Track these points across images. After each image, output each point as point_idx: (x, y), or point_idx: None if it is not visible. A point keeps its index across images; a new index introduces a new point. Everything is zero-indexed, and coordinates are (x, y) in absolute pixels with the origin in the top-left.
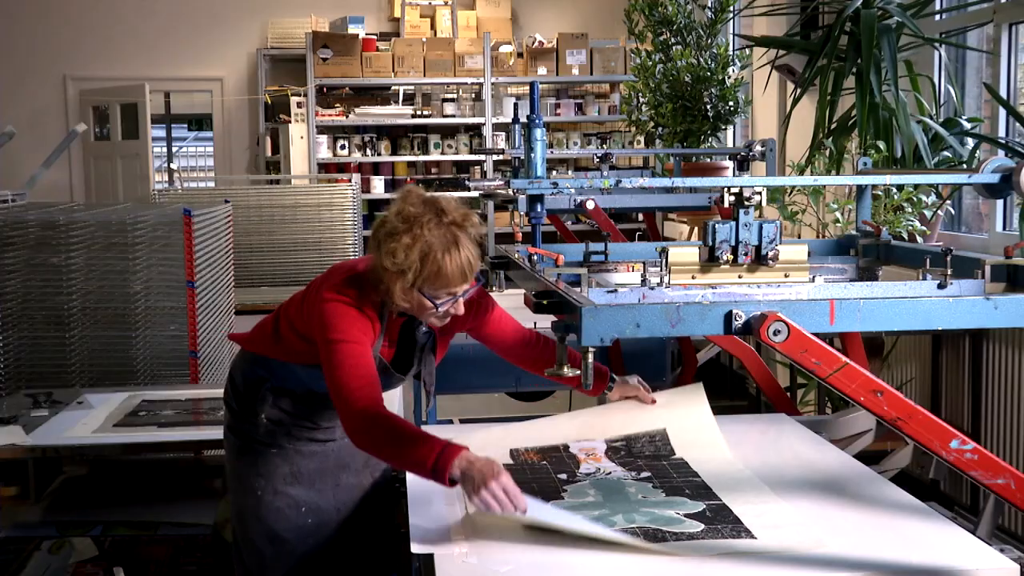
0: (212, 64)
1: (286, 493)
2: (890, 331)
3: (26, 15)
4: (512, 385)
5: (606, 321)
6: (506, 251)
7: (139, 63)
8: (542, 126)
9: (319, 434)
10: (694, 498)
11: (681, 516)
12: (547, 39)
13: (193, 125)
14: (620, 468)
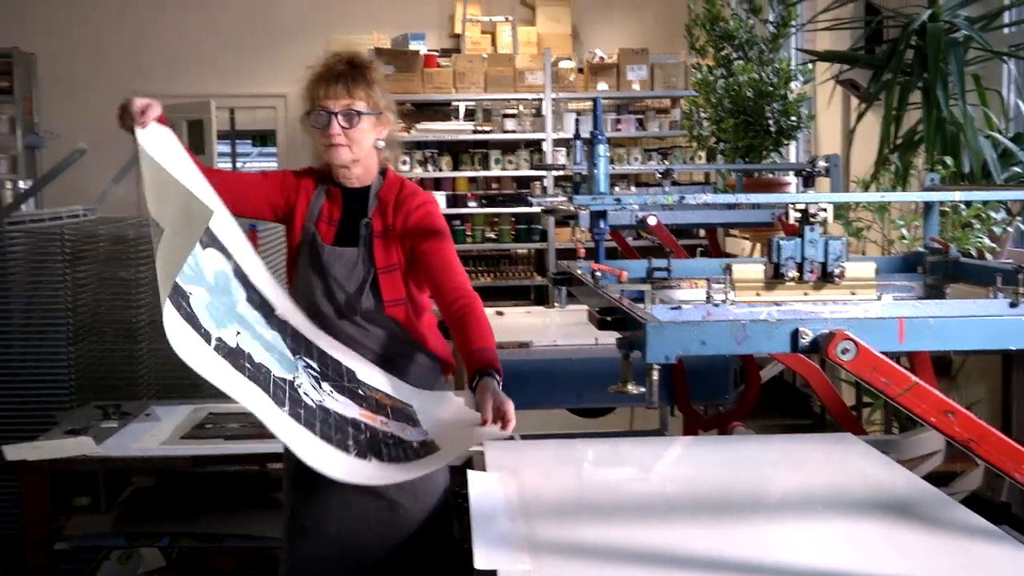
0: (276, 81)
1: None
2: (959, 350)
3: (97, 37)
4: (574, 401)
5: (671, 338)
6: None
7: (205, 81)
8: (605, 142)
9: None
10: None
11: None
12: (608, 55)
13: (257, 141)
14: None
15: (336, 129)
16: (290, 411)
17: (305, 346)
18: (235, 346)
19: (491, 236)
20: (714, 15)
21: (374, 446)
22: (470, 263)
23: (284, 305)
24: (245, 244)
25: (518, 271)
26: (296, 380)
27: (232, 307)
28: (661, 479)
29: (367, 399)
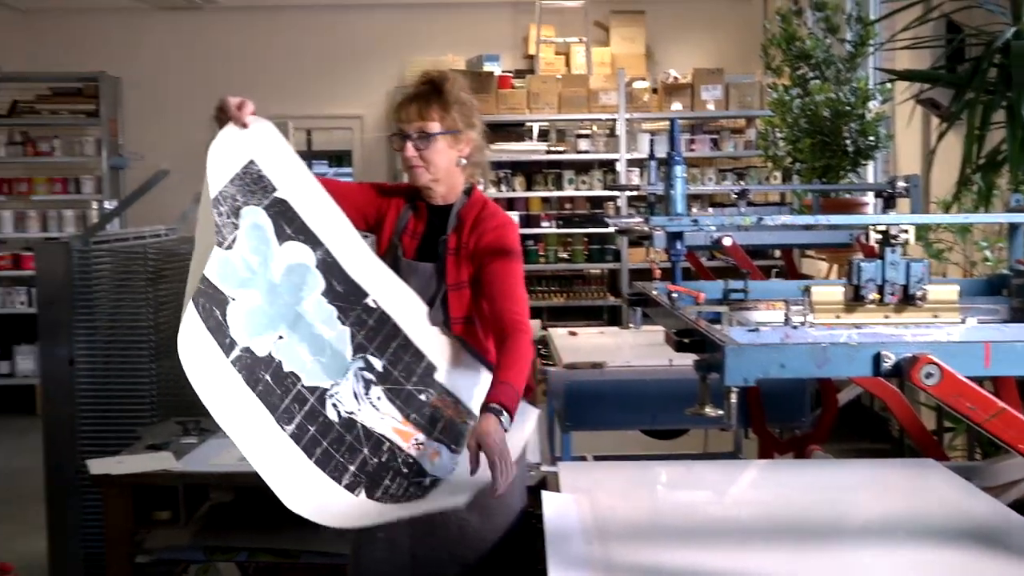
0: (352, 102)
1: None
2: None
3: (180, 60)
4: (647, 423)
5: (750, 361)
6: (644, 288)
7: (283, 102)
8: (683, 163)
9: None
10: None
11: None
12: (682, 74)
13: (333, 161)
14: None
15: (411, 151)
16: (295, 429)
17: (385, 339)
18: (265, 355)
19: (564, 256)
20: (791, 34)
21: (375, 476)
22: (543, 283)
23: (384, 290)
24: (344, 230)
25: (591, 291)
26: (332, 388)
27: (292, 306)
28: (736, 503)
29: (423, 407)
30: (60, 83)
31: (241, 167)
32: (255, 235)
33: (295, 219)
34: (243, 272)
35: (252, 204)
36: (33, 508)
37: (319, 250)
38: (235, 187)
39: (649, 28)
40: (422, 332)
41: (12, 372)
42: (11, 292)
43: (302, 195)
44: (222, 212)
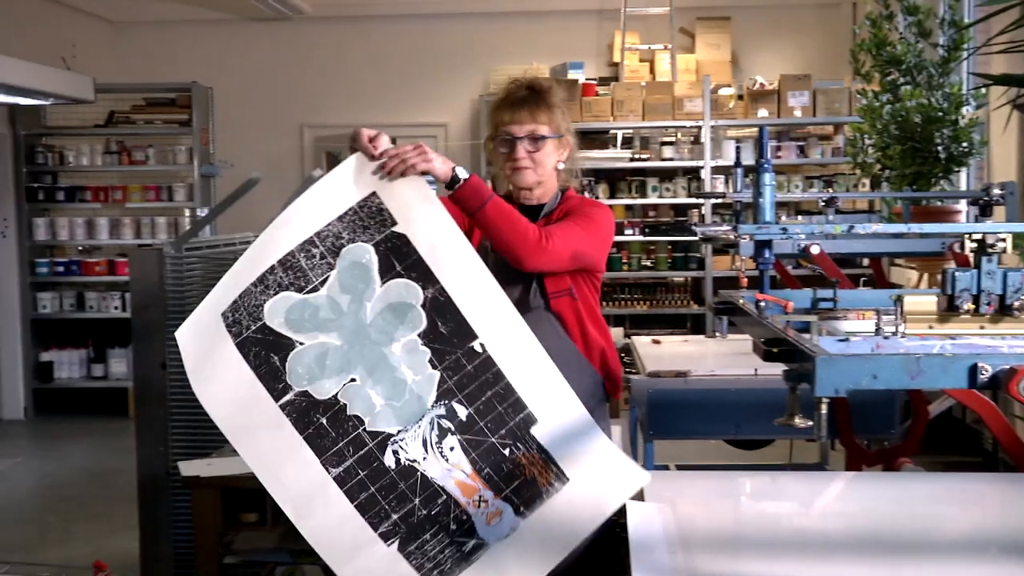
0: (437, 111)
1: None
2: None
3: (268, 70)
4: (732, 432)
5: (841, 371)
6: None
7: (369, 111)
8: (771, 170)
9: None
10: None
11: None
12: (768, 81)
13: None
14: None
15: (521, 153)
16: (341, 472)
17: (480, 386)
18: (326, 397)
19: (647, 264)
20: (881, 39)
21: (416, 529)
22: (626, 291)
23: (499, 333)
24: (470, 266)
25: (674, 299)
26: (399, 435)
27: (378, 346)
28: (822, 515)
29: (502, 462)
30: (154, 93)
31: (359, 199)
32: (354, 273)
33: (411, 255)
34: (326, 313)
35: (360, 241)
36: (125, 508)
37: (432, 288)
38: (343, 224)
39: (735, 34)
40: (531, 381)
41: (106, 375)
42: (106, 297)
43: (426, 229)
44: (314, 254)
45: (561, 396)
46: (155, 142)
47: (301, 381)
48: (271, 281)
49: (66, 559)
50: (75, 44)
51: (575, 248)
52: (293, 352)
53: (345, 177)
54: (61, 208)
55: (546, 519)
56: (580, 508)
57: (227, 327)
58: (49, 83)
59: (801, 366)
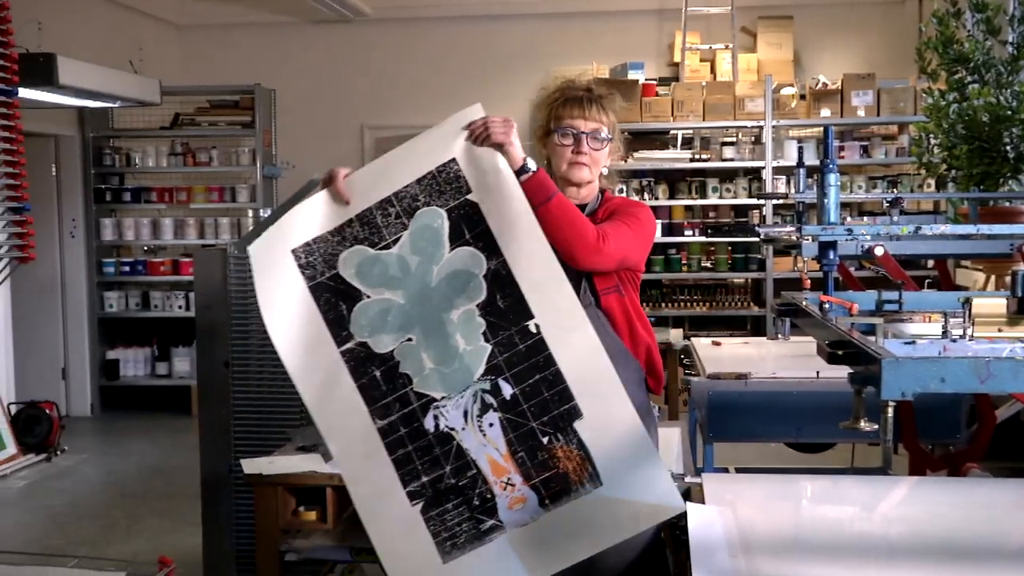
0: (495, 111)
1: None
2: None
3: (330, 72)
4: (792, 435)
5: (908, 374)
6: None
7: (428, 112)
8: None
9: None
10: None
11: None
12: (831, 80)
13: None
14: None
15: (586, 148)
16: (386, 425)
17: (529, 368)
18: (384, 351)
19: (707, 265)
20: (948, 37)
21: (441, 496)
22: (685, 292)
23: (557, 318)
24: (537, 246)
25: (734, 301)
26: (442, 400)
27: (439, 311)
28: (885, 520)
29: (538, 450)
30: (218, 96)
31: (439, 164)
32: (425, 236)
33: (479, 224)
34: (395, 271)
35: (435, 205)
36: (189, 505)
37: (495, 260)
38: (421, 186)
39: (797, 33)
40: (583, 373)
41: (169, 373)
42: (170, 296)
43: (498, 201)
44: (390, 213)
45: (613, 397)
46: (218, 143)
47: (363, 332)
48: (348, 234)
49: (131, 554)
50: (142, 47)
51: (626, 250)
52: (360, 303)
53: (428, 142)
54: (127, 209)
55: (568, 518)
56: (606, 517)
57: (300, 268)
58: (118, 86)
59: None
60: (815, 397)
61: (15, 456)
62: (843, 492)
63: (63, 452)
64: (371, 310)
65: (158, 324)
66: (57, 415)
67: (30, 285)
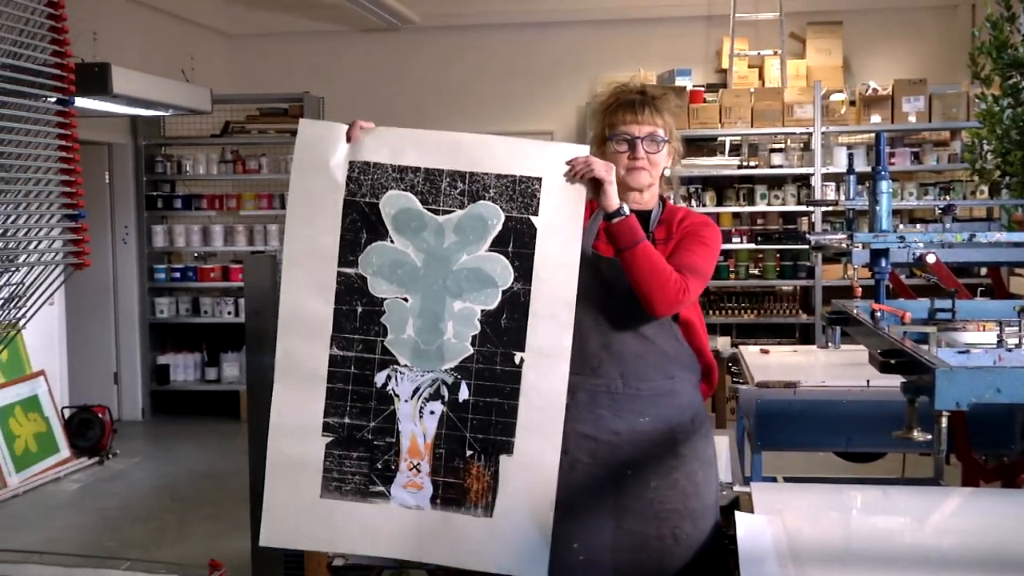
0: (543, 119)
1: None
2: None
3: (377, 80)
4: (842, 445)
5: (963, 384)
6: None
7: (476, 118)
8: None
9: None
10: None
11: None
12: (882, 86)
13: None
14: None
15: (641, 153)
16: (339, 352)
17: (493, 391)
18: (376, 295)
19: (755, 272)
20: (1002, 42)
21: (352, 442)
22: (733, 299)
23: (543, 363)
24: (564, 296)
25: (782, 308)
26: (402, 367)
27: (444, 296)
28: (937, 531)
29: (457, 457)
30: (267, 104)
31: (524, 175)
32: (475, 225)
33: (528, 246)
34: (428, 236)
35: (500, 204)
36: (238, 509)
37: (521, 284)
38: (499, 182)
39: (847, 39)
40: (535, 423)
41: (219, 378)
42: (219, 302)
43: (555, 239)
44: (457, 187)
45: (548, 454)
46: (268, 151)
47: (368, 268)
48: (408, 178)
49: (182, 557)
50: (193, 57)
51: (701, 289)
52: (380, 243)
53: (527, 150)
54: (178, 216)
55: (444, 524)
56: (475, 543)
57: (347, 178)
58: (169, 95)
59: (920, 378)
60: (866, 406)
61: (68, 459)
62: (894, 502)
63: (115, 456)
64: (386, 255)
65: (208, 329)
66: (109, 419)
67: (84, 291)
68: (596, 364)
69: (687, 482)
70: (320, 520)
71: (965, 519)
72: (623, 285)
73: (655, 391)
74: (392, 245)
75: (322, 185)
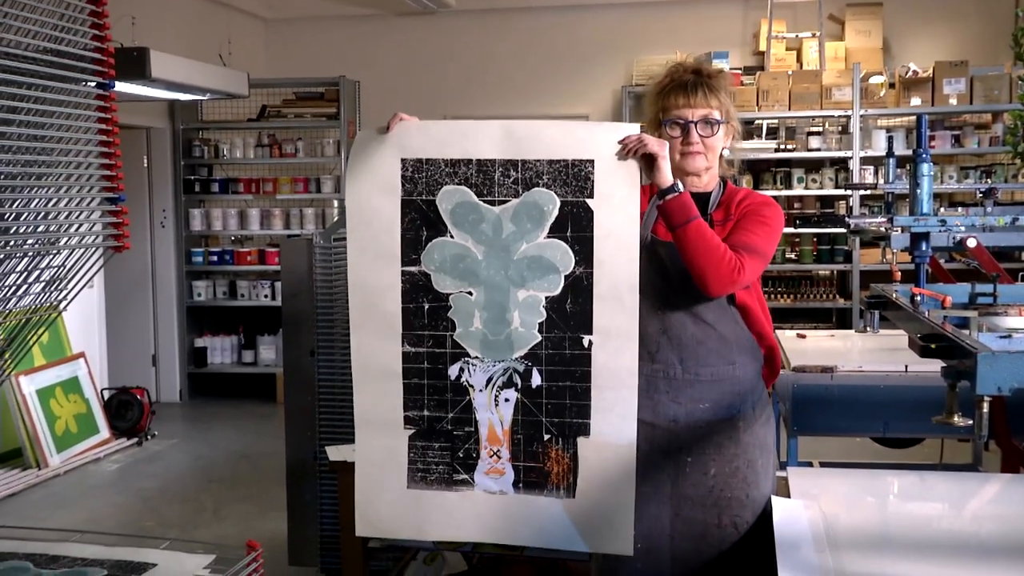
0: (578, 102)
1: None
2: None
3: (413, 63)
4: (879, 430)
5: (1005, 369)
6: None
7: (512, 102)
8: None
9: None
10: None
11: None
12: (922, 68)
13: None
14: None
15: (696, 137)
16: (410, 349)
17: (564, 374)
18: (441, 290)
19: (792, 257)
20: None
21: (432, 433)
22: (769, 284)
23: (612, 341)
24: (630, 264)
25: (819, 293)
26: (473, 358)
27: (507, 286)
28: (975, 518)
29: (536, 441)
30: (304, 88)
31: (576, 158)
32: (531, 213)
33: (586, 229)
34: (487, 228)
35: (554, 190)
36: (274, 490)
37: (583, 268)
38: (551, 168)
39: (887, 20)
40: (610, 402)
41: (255, 361)
42: (256, 285)
43: (614, 218)
44: (511, 175)
45: (624, 427)
46: (304, 135)
47: (431, 264)
48: (461, 172)
49: (219, 537)
50: (230, 41)
51: (760, 270)
52: (440, 238)
53: (577, 133)
54: (215, 199)
55: (529, 507)
56: (560, 525)
57: (402, 178)
58: (207, 79)
59: (961, 363)
60: (904, 392)
61: (108, 440)
62: (932, 488)
63: (153, 437)
64: (448, 249)
65: (245, 313)
66: (148, 401)
67: (122, 274)
68: (655, 349)
69: (748, 470)
70: (409, 510)
71: (1004, 505)
72: (681, 268)
73: (715, 377)
74: (452, 240)
75: (378, 189)
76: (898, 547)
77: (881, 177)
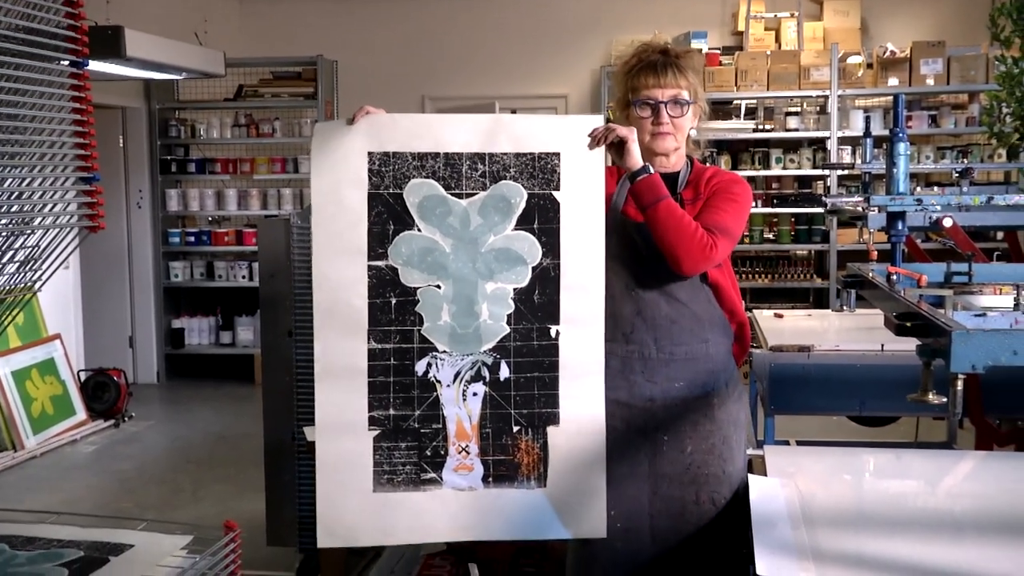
0: (557, 82)
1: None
2: None
3: (391, 43)
4: (855, 409)
5: (979, 347)
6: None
7: (490, 83)
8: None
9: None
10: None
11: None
12: (900, 48)
13: None
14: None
15: (665, 118)
16: (377, 346)
17: (532, 365)
18: (409, 285)
19: (769, 237)
20: (1022, 2)
21: (399, 433)
22: (747, 264)
23: (578, 332)
24: (595, 253)
25: (797, 273)
26: (441, 353)
27: (474, 275)
28: (950, 495)
29: (505, 434)
30: (281, 67)
31: (543, 151)
32: (499, 205)
33: (552, 221)
34: (454, 221)
35: (521, 183)
36: (252, 471)
37: (550, 259)
38: (518, 161)
39: (864, 1)
40: (578, 389)
41: (233, 342)
42: (233, 266)
43: (580, 210)
44: (477, 168)
45: (592, 413)
46: (281, 115)
47: (399, 258)
48: (429, 165)
49: (197, 518)
50: (207, 19)
51: (731, 247)
52: (407, 232)
53: (543, 127)
54: (192, 180)
55: (498, 501)
56: (533, 515)
57: (369, 171)
58: (183, 58)
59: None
60: (879, 370)
61: (84, 422)
62: (907, 466)
63: (130, 418)
64: (415, 243)
65: (222, 293)
66: (125, 382)
67: (99, 255)
68: (629, 330)
69: (723, 446)
70: (375, 514)
71: (978, 483)
72: (653, 249)
73: (689, 355)
74: (420, 233)
75: (344, 182)
76: (874, 524)
77: (859, 157)
